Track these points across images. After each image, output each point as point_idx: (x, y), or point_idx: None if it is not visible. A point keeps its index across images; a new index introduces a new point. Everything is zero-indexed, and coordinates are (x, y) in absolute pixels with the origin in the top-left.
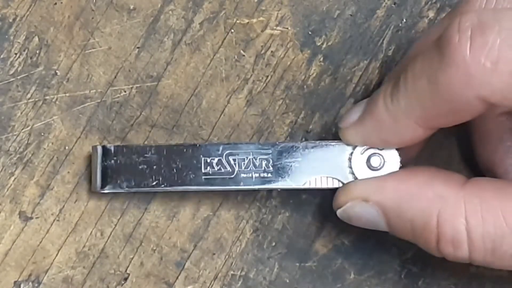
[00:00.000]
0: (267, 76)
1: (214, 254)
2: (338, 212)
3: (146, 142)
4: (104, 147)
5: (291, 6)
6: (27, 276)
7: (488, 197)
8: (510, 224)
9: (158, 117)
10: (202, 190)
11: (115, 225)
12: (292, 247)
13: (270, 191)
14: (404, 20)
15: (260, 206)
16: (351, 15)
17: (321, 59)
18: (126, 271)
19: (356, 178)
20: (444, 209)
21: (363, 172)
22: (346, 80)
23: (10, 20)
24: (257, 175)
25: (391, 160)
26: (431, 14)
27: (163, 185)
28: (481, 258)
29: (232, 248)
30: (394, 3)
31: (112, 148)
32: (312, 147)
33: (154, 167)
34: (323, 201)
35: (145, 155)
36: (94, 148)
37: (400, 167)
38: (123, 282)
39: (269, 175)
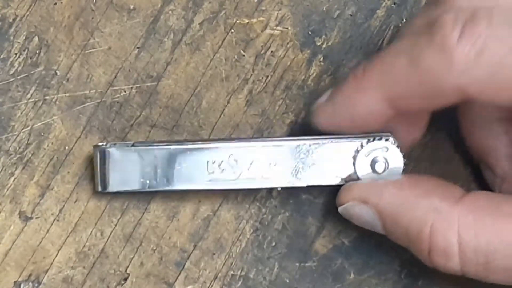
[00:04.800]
0: (267, 76)
1: (214, 254)
2: (340, 209)
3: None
4: (105, 149)
5: (291, 6)
6: (27, 276)
7: (483, 214)
8: (503, 240)
9: (158, 117)
10: (206, 190)
11: (115, 225)
12: (292, 247)
13: (270, 191)
14: (404, 20)
15: (260, 206)
16: (351, 15)
17: (321, 59)
18: (126, 271)
19: (359, 179)
20: (437, 221)
21: (366, 175)
22: None
23: (10, 20)
24: (261, 175)
25: (395, 164)
26: None
27: (167, 186)
28: (473, 271)
29: (232, 248)
30: (394, 3)
31: (114, 150)
32: (316, 147)
33: (158, 170)
34: (323, 201)
35: (147, 156)
36: (96, 148)
37: (403, 171)
38: (123, 282)
39: (274, 175)
